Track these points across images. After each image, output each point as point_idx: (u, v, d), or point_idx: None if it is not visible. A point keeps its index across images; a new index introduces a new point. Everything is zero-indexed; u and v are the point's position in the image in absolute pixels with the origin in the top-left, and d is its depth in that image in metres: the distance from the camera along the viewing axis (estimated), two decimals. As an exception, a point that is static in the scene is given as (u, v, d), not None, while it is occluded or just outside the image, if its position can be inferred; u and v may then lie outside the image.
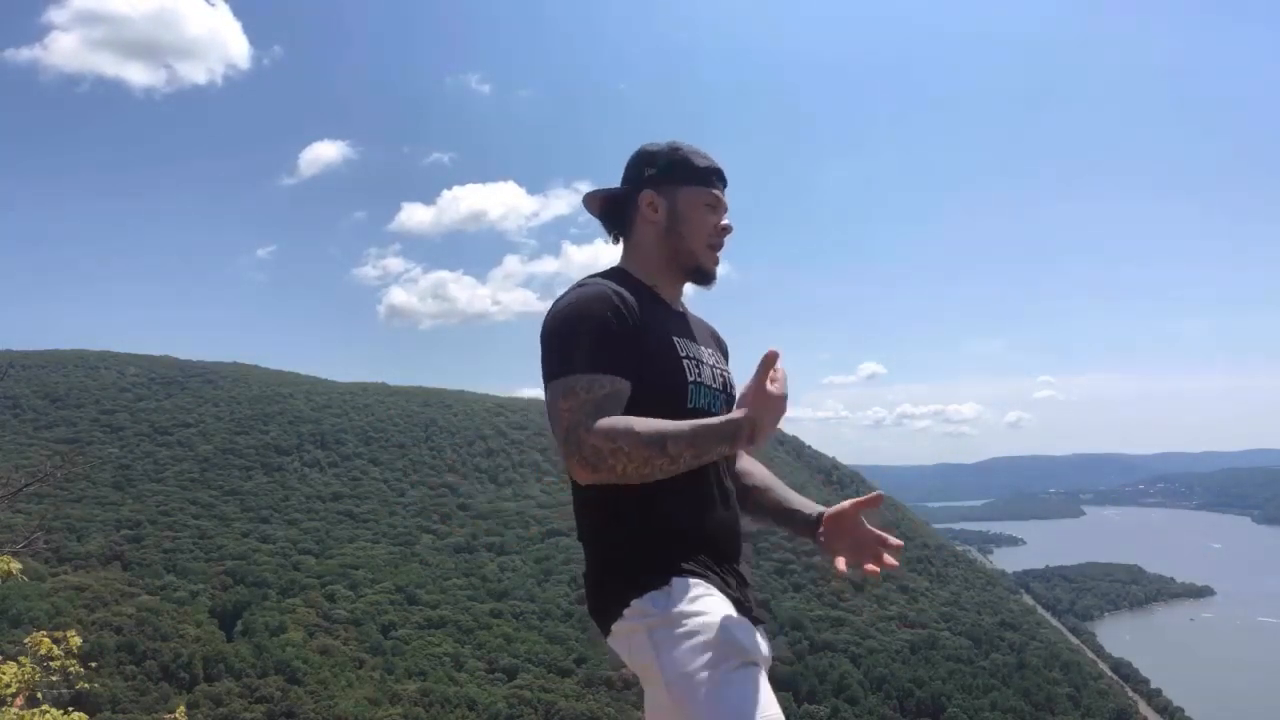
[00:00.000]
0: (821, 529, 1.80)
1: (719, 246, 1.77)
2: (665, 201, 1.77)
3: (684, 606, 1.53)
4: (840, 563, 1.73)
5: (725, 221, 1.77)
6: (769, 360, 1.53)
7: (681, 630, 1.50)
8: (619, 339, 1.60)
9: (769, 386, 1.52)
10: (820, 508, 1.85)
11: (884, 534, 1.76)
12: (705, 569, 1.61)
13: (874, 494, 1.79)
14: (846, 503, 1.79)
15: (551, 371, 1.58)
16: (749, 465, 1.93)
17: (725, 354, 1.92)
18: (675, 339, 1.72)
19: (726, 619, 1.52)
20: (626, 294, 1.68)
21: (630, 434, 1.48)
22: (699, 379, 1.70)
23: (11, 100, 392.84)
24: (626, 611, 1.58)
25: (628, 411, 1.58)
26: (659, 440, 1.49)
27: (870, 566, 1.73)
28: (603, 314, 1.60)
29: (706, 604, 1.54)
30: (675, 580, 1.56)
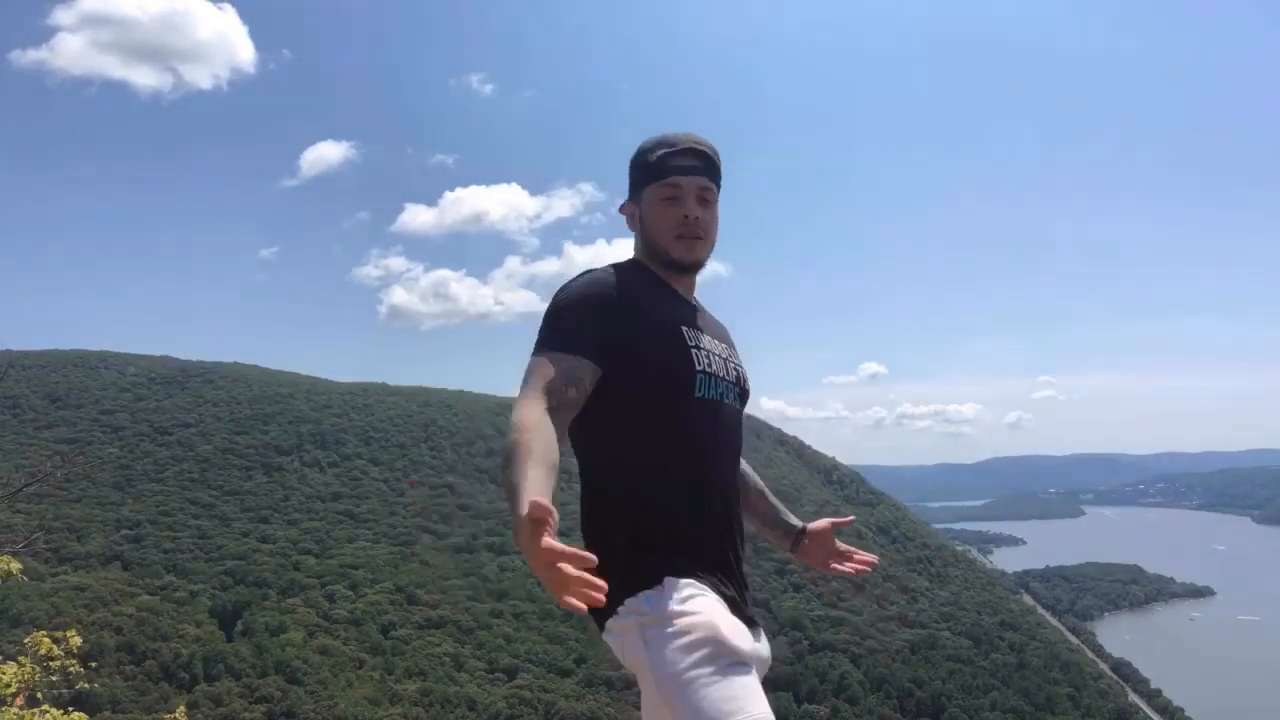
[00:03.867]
0: (804, 540, 2.02)
1: (689, 235, 1.78)
2: (637, 208, 1.84)
3: (676, 606, 1.55)
4: (834, 567, 2.00)
5: (686, 212, 1.76)
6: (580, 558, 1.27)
7: (672, 629, 1.53)
8: (600, 323, 1.64)
9: (548, 543, 1.24)
10: (800, 522, 2.05)
11: (854, 550, 2.02)
12: (699, 569, 1.64)
13: (849, 517, 2.06)
14: (825, 521, 2.03)
15: (534, 346, 1.66)
16: (746, 468, 2.01)
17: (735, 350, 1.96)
18: (684, 328, 1.74)
19: (718, 619, 1.54)
20: (632, 279, 1.75)
21: (511, 433, 1.47)
22: (708, 369, 1.73)
23: (17, 102, 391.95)
24: (620, 609, 1.60)
25: (630, 397, 1.65)
26: (504, 460, 1.43)
27: (838, 566, 1.99)
28: (587, 297, 1.67)
29: (698, 604, 1.56)
30: (667, 580, 1.60)
